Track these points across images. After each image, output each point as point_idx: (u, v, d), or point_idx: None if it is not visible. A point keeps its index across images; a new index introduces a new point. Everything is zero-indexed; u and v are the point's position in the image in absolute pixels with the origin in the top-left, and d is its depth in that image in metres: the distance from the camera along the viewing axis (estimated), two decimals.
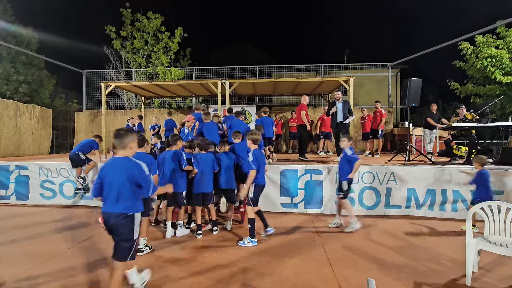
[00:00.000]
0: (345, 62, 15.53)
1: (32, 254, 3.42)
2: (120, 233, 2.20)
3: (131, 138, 2.31)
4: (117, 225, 2.19)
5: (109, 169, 2.26)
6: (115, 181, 2.20)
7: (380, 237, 4.04)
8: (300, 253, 3.47)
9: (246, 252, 3.48)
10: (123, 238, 2.22)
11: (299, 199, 5.31)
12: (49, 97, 14.70)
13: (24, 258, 3.30)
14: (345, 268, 3.04)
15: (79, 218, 5.05)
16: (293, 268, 3.04)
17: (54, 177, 5.99)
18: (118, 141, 2.29)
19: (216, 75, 12.72)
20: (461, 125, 5.95)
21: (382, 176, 5.15)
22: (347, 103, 6.67)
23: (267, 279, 2.81)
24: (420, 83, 5.95)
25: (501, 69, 9.03)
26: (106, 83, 8.74)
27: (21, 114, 9.85)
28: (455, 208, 4.93)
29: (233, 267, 3.08)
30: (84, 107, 12.99)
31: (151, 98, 12.14)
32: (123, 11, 13.97)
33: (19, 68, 13.11)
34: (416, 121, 15.01)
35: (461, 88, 10.40)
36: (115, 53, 14.03)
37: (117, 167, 2.24)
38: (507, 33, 9.19)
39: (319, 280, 2.79)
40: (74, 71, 12.83)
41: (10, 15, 13.31)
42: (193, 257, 3.33)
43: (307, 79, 8.62)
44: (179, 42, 14.35)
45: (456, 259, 3.20)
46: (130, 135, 2.32)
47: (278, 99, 13.46)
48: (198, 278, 2.83)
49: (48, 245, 3.70)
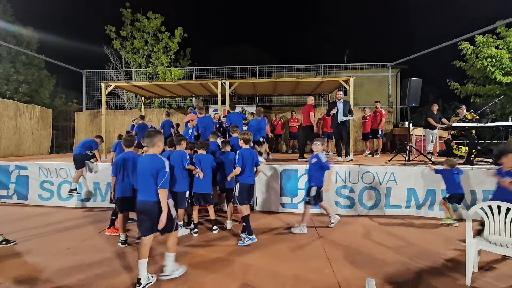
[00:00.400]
0: (345, 62, 15.53)
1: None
2: (155, 215, 2.63)
3: (159, 138, 2.74)
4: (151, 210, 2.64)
5: (141, 163, 2.71)
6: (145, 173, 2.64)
7: (380, 237, 4.04)
8: (300, 253, 3.47)
9: (246, 252, 3.48)
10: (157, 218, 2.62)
11: (299, 199, 5.31)
12: (49, 97, 14.69)
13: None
14: (345, 268, 3.04)
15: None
16: (293, 268, 3.04)
17: (54, 177, 5.99)
18: (149, 140, 2.72)
19: (216, 75, 12.73)
20: (461, 125, 5.95)
21: (382, 176, 5.15)
22: (348, 103, 6.67)
23: (267, 279, 2.81)
24: (420, 83, 5.95)
25: (501, 69, 9.03)
26: (106, 83, 8.73)
27: (21, 114, 9.85)
28: (454, 208, 4.93)
29: (233, 267, 3.08)
30: (84, 107, 12.99)
31: (151, 98, 12.14)
32: (123, 11, 13.97)
33: (19, 68, 13.10)
34: (416, 121, 15.02)
35: (461, 88, 10.40)
36: (115, 53, 14.03)
37: (147, 162, 2.66)
38: (507, 33, 9.19)
39: (319, 280, 2.79)
40: (74, 71, 12.83)
41: (10, 15, 13.31)
42: (192, 254, 3.34)
43: (307, 79, 8.61)
44: (179, 42, 14.35)
45: (456, 259, 3.20)
46: (159, 135, 2.76)
47: (278, 99, 13.46)
48: (198, 278, 2.83)
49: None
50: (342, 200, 5.22)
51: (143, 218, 2.68)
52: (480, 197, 4.90)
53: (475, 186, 4.94)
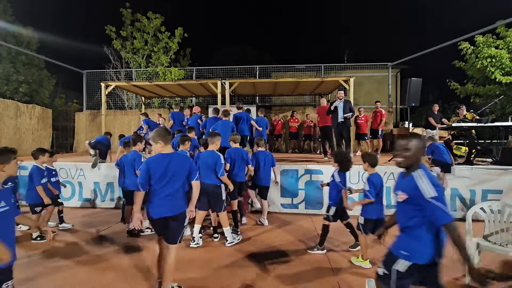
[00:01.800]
0: (345, 62, 15.53)
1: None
2: (217, 196, 3.65)
3: (218, 138, 3.72)
4: (213, 192, 3.63)
5: (203, 157, 3.67)
6: (208, 165, 3.61)
7: None
8: (300, 254, 3.47)
9: (246, 252, 3.49)
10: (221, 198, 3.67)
11: (299, 199, 5.31)
12: (49, 97, 14.70)
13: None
14: (345, 268, 3.04)
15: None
16: (293, 269, 3.05)
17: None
18: (210, 139, 3.70)
19: (216, 75, 12.72)
20: (461, 125, 5.95)
21: (382, 176, 5.13)
22: (348, 102, 6.63)
23: (267, 279, 2.82)
24: (420, 83, 5.95)
25: (501, 69, 9.02)
26: (106, 83, 8.73)
27: (21, 114, 9.85)
28: (454, 208, 4.94)
29: (233, 267, 3.08)
30: (84, 107, 12.98)
31: (151, 98, 12.13)
32: (123, 11, 13.96)
33: (19, 68, 13.10)
34: (416, 121, 15.03)
35: (461, 88, 10.39)
36: (115, 53, 14.02)
37: (208, 156, 3.63)
38: (507, 33, 9.18)
39: (319, 281, 2.80)
40: (74, 71, 12.82)
41: (10, 15, 13.31)
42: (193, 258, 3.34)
43: (307, 79, 8.61)
44: (179, 42, 14.34)
45: (456, 259, 3.19)
46: (218, 136, 3.76)
47: (278, 99, 13.45)
48: (197, 278, 2.84)
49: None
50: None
51: (203, 197, 3.53)
52: (480, 197, 4.91)
53: (475, 186, 4.95)
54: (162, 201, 2.36)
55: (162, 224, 2.41)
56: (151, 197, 2.39)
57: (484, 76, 9.49)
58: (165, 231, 2.44)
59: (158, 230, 2.51)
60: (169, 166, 2.38)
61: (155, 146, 2.45)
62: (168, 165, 2.38)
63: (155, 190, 2.37)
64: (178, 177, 2.43)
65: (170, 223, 2.39)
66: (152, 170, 2.35)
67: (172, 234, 2.43)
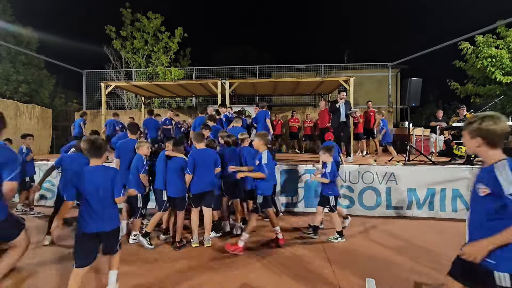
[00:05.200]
0: (345, 62, 15.53)
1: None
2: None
3: (245, 136, 4.26)
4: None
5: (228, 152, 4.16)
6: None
7: (380, 237, 4.03)
8: (300, 253, 3.47)
9: (246, 252, 3.48)
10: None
11: (299, 198, 5.31)
12: (49, 97, 14.70)
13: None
14: (345, 268, 3.03)
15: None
16: (293, 268, 3.04)
17: (54, 177, 5.98)
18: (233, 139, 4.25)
19: (216, 75, 12.71)
20: (461, 125, 5.94)
21: (382, 176, 5.14)
22: (348, 103, 6.67)
23: (267, 279, 2.81)
24: (420, 83, 5.94)
25: (501, 69, 9.02)
26: (106, 83, 8.74)
27: (21, 114, 9.85)
28: (455, 208, 4.93)
29: (233, 266, 3.08)
30: (84, 107, 12.97)
31: (151, 98, 12.14)
32: (123, 11, 13.97)
33: (19, 68, 13.10)
34: (416, 121, 15.04)
35: (461, 88, 10.39)
36: (115, 53, 14.03)
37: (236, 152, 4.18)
38: (507, 33, 9.19)
39: (319, 280, 2.79)
40: (74, 71, 12.81)
41: (10, 15, 13.31)
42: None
43: (307, 79, 8.62)
44: (179, 42, 14.35)
45: None
46: (246, 136, 4.29)
47: (278, 99, 13.45)
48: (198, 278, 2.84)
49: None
50: (340, 200, 5.21)
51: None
52: None
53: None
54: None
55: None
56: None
57: (484, 76, 9.49)
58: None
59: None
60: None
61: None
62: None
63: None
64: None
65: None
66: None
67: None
